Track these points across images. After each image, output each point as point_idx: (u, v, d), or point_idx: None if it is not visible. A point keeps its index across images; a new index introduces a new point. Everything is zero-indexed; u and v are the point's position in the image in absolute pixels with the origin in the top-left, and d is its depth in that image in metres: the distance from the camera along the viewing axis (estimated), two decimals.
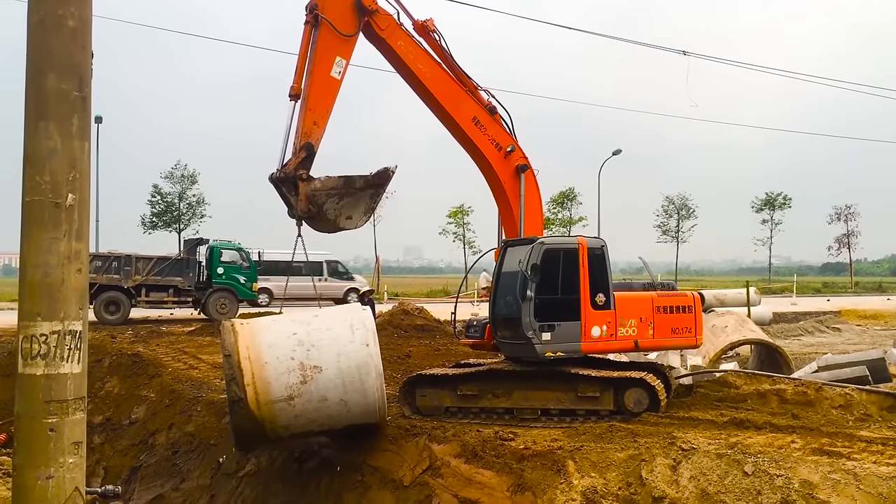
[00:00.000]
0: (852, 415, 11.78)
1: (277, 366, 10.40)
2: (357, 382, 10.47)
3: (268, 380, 10.35)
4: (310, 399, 10.45)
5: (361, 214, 12.64)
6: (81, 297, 4.11)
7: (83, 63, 4.20)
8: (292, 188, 12.10)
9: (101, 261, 27.84)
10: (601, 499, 9.18)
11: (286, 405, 10.41)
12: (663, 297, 13.02)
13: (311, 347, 10.52)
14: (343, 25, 12.29)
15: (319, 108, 12.23)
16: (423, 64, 12.99)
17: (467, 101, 13.32)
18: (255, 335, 10.72)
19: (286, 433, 10.85)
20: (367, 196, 12.60)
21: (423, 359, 18.93)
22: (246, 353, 10.42)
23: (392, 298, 46.35)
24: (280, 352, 10.50)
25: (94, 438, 15.37)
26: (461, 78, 13.43)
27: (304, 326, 10.93)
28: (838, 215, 78.04)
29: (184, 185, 54.99)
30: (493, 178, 13.65)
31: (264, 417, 10.40)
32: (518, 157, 13.59)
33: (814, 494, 8.34)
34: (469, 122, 13.28)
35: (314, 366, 10.40)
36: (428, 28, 13.24)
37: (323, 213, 12.24)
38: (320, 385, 10.41)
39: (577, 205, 66.60)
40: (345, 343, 10.59)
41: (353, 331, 10.71)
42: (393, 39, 12.79)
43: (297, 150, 12.07)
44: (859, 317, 37.44)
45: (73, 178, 4.05)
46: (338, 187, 12.33)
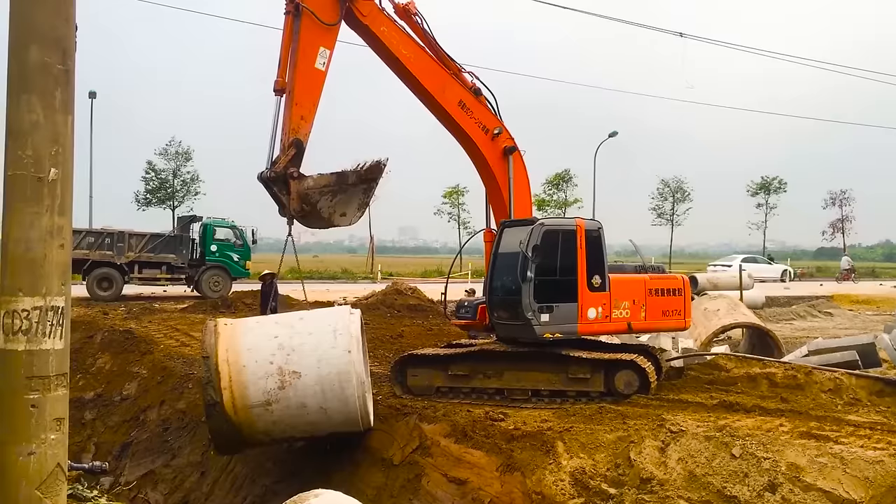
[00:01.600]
0: (841, 399, 11.83)
1: (256, 370, 10.05)
2: (337, 390, 10.05)
3: (245, 384, 10.01)
4: (288, 405, 10.08)
5: (355, 210, 12.40)
6: (64, 272, 4.07)
7: (67, 36, 4.13)
8: (283, 187, 11.77)
9: (94, 237, 27.76)
10: (589, 479, 9.22)
11: (264, 411, 10.06)
12: (655, 279, 13.07)
13: (291, 352, 10.13)
14: (325, 14, 11.94)
15: (306, 101, 11.90)
16: (406, 49, 12.72)
17: (452, 84, 13.10)
18: (236, 337, 10.37)
19: (266, 438, 10.55)
20: (361, 191, 12.34)
21: (416, 339, 18.95)
22: (225, 355, 10.10)
23: (386, 278, 46.36)
24: (259, 355, 10.14)
25: (85, 414, 15.39)
26: (445, 61, 13.21)
27: (287, 330, 10.55)
28: (833, 200, 78.07)
29: (178, 161, 54.68)
30: (481, 161, 13.49)
31: (241, 422, 10.08)
32: (505, 138, 13.44)
33: (800, 477, 8.39)
34: (455, 106, 13.07)
35: (293, 371, 10.02)
36: (410, 11, 12.97)
37: (317, 212, 11.97)
38: (299, 391, 10.04)
39: (572, 186, 66.47)
40: (326, 349, 10.18)
41: (335, 336, 10.26)
42: (376, 25, 12.50)
43: (285, 147, 11.74)
44: (852, 301, 37.58)
45: (56, 153, 3.99)
46: (330, 184, 12.05)
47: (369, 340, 18.73)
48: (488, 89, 13.51)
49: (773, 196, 75.37)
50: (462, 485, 9.95)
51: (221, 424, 10.12)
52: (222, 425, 10.13)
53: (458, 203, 65.01)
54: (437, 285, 21.95)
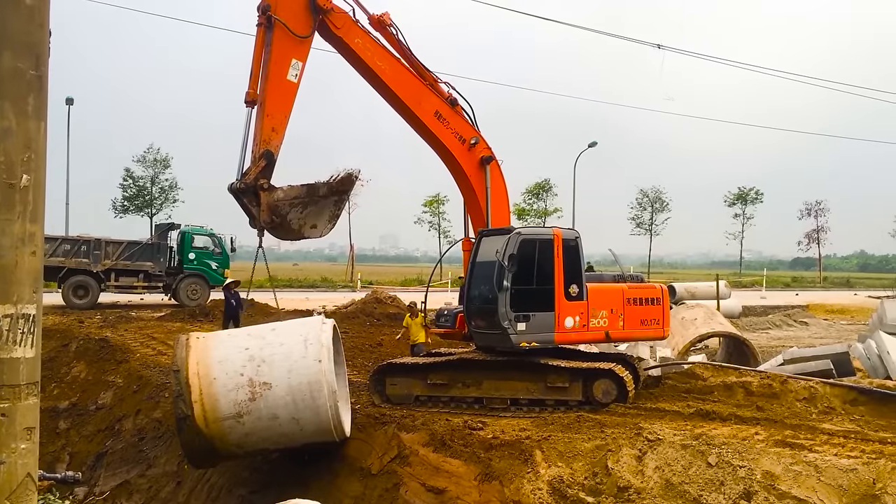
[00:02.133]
0: (816, 407, 11.92)
1: (226, 382, 9.94)
2: (308, 400, 9.90)
3: (216, 396, 9.89)
4: (260, 417, 9.95)
5: (326, 223, 12.29)
6: (35, 280, 4.02)
7: (40, 42, 4.09)
8: (253, 199, 11.66)
9: (70, 244, 27.53)
10: (567, 488, 9.23)
11: (235, 423, 9.93)
12: (633, 288, 13.12)
13: (261, 363, 10.02)
14: (297, 27, 11.85)
15: (277, 113, 11.79)
16: (381, 61, 12.63)
17: (428, 95, 13.03)
18: (207, 350, 10.27)
19: (240, 451, 10.41)
20: (332, 203, 12.24)
21: (395, 347, 18.89)
22: (195, 368, 10.00)
23: (366, 287, 46.26)
24: (230, 367, 10.03)
25: (59, 423, 15.21)
26: (420, 72, 13.14)
27: (259, 341, 10.43)
28: (809, 211, 79.12)
29: (156, 168, 54.36)
30: (458, 171, 13.44)
31: (213, 435, 9.95)
32: (482, 148, 13.38)
33: (775, 485, 8.45)
34: (431, 117, 13.00)
35: (264, 382, 9.90)
36: (384, 22, 12.89)
37: (287, 223, 11.86)
38: (269, 402, 9.91)
39: (552, 196, 66.83)
40: (296, 359, 10.04)
41: (306, 346, 10.14)
42: (350, 37, 12.40)
43: (256, 158, 11.62)
44: (826, 311, 38.00)
45: (29, 159, 3.95)
46: (301, 196, 11.94)
47: (348, 349, 18.68)
48: (465, 99, 13.47)
49: (749, 206, 76.22)
50: (440, 494, 9.92)
51: (193, 438, 10.00)
52: (194, 438, 10.00)
53: (439, 212, 65.28)
54: (418, 294, 21.93)
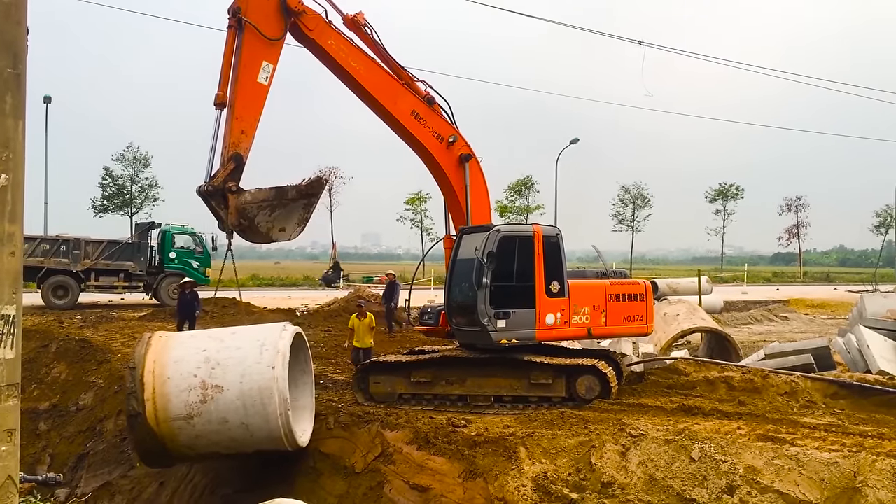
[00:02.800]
0: (797, 402, 12.04)
1: (179, 382, 9.87)
2: (259, 406, 9.76)
3: (168, 396, 9.82)
4: (210, 420, 9.85)
5: (295, 226, 12.19)
6: (15, 280, 3.97)
7: (18, 39, 4.04)
8: (221, 201, 11.56)
9: (49, 244, 27.29)
10: (551, 484, 9.25)
11: (185, 424, 9.84)
12: (616, 284, 13.16)
13: (216, 366, 9.93)
14: (268, 29, 11.71)
15: (247, 116, 11.66)
16: (356, 61, 12.51)
17: (404, 94, 12.93)
18: (166, 350, 10.20)
19: (191, 452, 10.30)
20: (301, 206, 12.16)
21: (378, 346, 18.84)
22: (151, 366, 9.94)
23: (349, 285, 46.17)
24: (185, 368, 9.96)
25: (39, 425, 15.07)
26: (396, 71, 13.05)
27: (217, 343, 10.36)
28: (789, 206, 79.80)
29: (136, 167, 53.99)
30: (437, 170, 13.39)
31: (164, 435, 9.88)
32: (460, 146, 13.32)
33: (758, 479, 8.51)
34: (408, 116, 12.91)
35: (216, 385, 9.81)
36: (358, 22, 12.79)
37: (255, 226, 11.76)
38: (220, 406, 9.80)
39: (534, 193, 67.06)
40: (250, 364, 9.91)
41: (261, 351, 10.00)
42: (323, 39, 12.28)
43: (225, 160, 11.51)
44: (807, 306, 38.36)
45: (7, 158, 3.90)
46: (269, 199, 11.84)
47: (330, 347, 18.67)
48: (442, 97, 13.40)
49: (730, 202, 76.75)
50: (425, 492, 9.93)
51: (144, 436, 9.94)
52: (145, 437, 9.95)
53: (421, 209, 65.28)
54: (401, 292, 21.92)
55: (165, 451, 10.12)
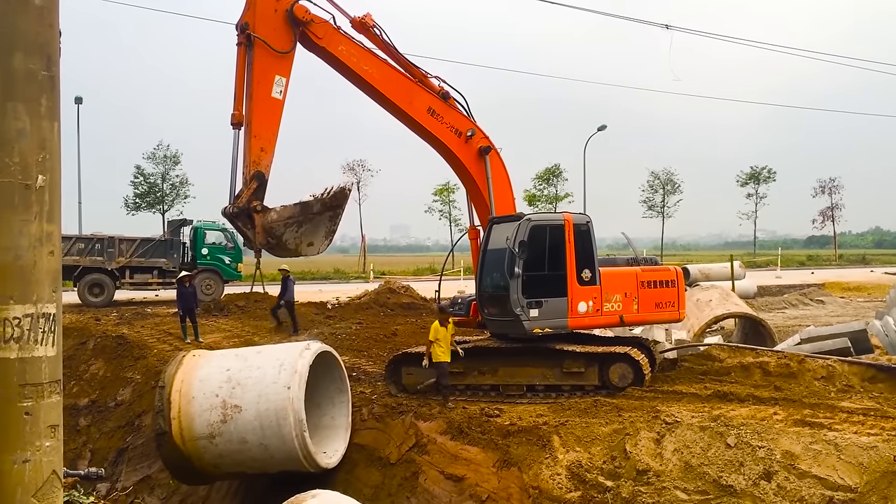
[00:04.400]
0: (834, 386, 11.89)
1: (202, 401, 9.92)
2: (275, 427, 9.67)
3: (192, 415, 9.90)
4: (230, 440, 9.87)
5: (322, 239, 12.17)
6: (54, 279, 4.05)
7: (51, 42, 4.11)
8: (248, 221, 11.55)
9: (85, 243, 27.63)
10: (586, 473, 9.24)
11: (208, 443, 9.89)
12: (647, 271, 13.08)
13: (236, 385, 9.95)
14: (278, 42, 11.60)
15: (265, 132, 11.59)
16: (368, 65, 12.37)
17: (419, 92, 12.79)
18: (193, 369, 10.27)
19: (217, 472, 10.35)
20: (326, 219, 12.11)
21: (410, 337, 18.94)
22: (179, 385, 10.04)
23: (378, 277, 46.35)
24: (208, 387, 10.02)
25: (80, 421, 15.35)
26: (409, 69, 12.90)
27: (241, 362, 10.35)
28: (822, 188, 78.64)
29: (167, 165, 54.58)
30: (458, 164, 13.29)
31: (190, 454, 9.97)
32: (479, 139, 13.17)
33: (795, 465, 8.43)
34: (425, 114, 12.77)
35: (235, 405, 9.82)
36: (367, 24, 12.63)
37: (283, 243, 11.75)
38: (239, 426, 9.80)
39: (562, 181, 66.65)
40: (268, 384, 9.85)
41: (279, 371, 9.92)
42: (333, 46, 12.15)
43: (247, 180, 11.46)
44: (843, 289, 37.77)
45: (43, 159, 3.98)
46: (295, 215, 11.82)
47: (362, 339, 18.76)
48: (457, 91, 13.24)
49: (762, 185, 75.74)
50: (459, 481, 9.98)
51: (171, 454, 10.06)
52: (172, 455, 10.06)
53: (449, 200, 65.17)
54: (430, 283, 21.95)
55: (194, 469, 10.19)
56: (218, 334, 19.60)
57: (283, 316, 19.60)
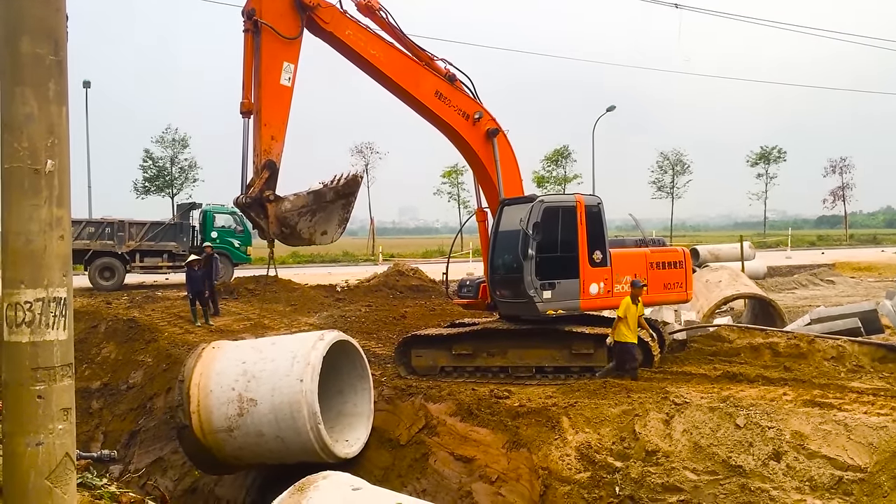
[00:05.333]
0: (844, 366, 11.87)
1: (220, 395, 9.91)
2: (289, 420, 9.61)
3: (210, 409, 9.91)
4: (248, 433, 9.85)
5: (336, 227, 12.04)
6: (65, 263, 4.07)
7: (58, 26, 4.10)
8: (261, 211, 11.42)
9: (94, 227, 27.77)
10: (595, 454, 9.27)
11: (227, 436, 9.90)
12: (656, 252, 13.09)
13: (251, 378, 9.90)
14: (285, 28, 11.42)
15: (275, 120, 11.45)
16: (375, 49, 12.23)
17: (426, 76, 12.67)
18: (211, 362, 10.25)
19: (239, 463, 10.37)
20: (339, 207, 11.97)
21: (419, 319, 18.99)
22: (198, 379, 10.05)
23: (387, 260, 46.41)
24: (224, 380, 10.00)
25: (92, 403, 15.47)
26: (415, 52, 12.76)
27: (256, 354, 10.29)
28: (833, 168, 78.11)
29: (175, 149, 54.63)
30: (465, 147, 13.19)
31: (211, 446, 9.99)
32: (487, 121, 13.06)
33: (805, 445, 8.43)
34: (432, 98, 12.66)
35: (250, 398, 9.78)
36: (373, 7, 12.50)
37: (297, 233, 11.63)
38: (255, 419, 9.77)
39: (571, 162, 66.44)
40: (281, 377, 9.76)
41: (292, 364, 9.82)
42: (340, 30, 11.98)
43: (258, 169, 11.34)
44: (854, 269, 37.59)
45: (52, 144, 3.98)
46: (308, 204, 11.68)
47: (372, 321, 18.82)
48: (463, 73, 13.10)
49: (772, 165, 75.30)
50: (469, 462, 10.02)
51: (193, 447, 10.11)
52: (194, 448, 10.11)
53: (458, 182, 65.09)
54: (439, 265, 21.97)
55: (216, 460, 10.24)
56: (228, 317, 19.69)
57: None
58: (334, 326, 18.61)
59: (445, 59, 13.01)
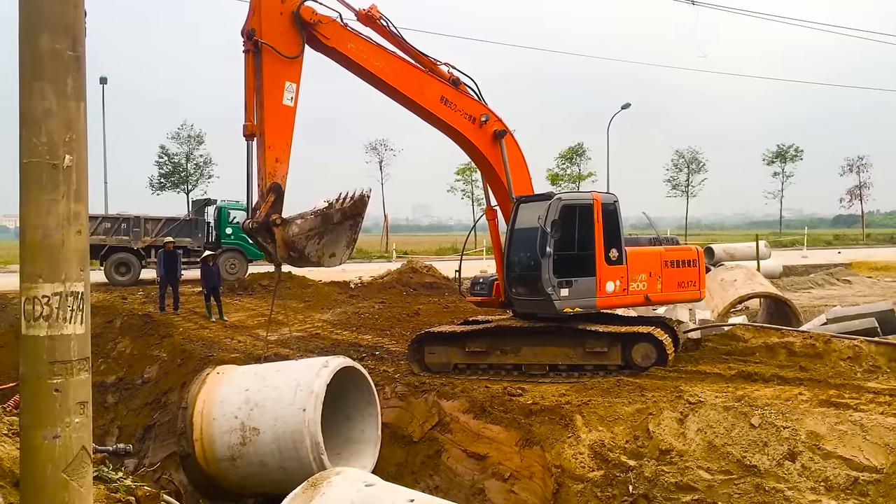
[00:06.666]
0: (860, 366, 11.77)
1: (223, 423, 9.76)
2: (292, 450, 9.42)
3: (213, 437, 9.76)
4: (250, 462, 9.64)
5: (344, 249, 11.72)
6: (82, 258, 4.09)
7: (76, 22, 4.12)
8: (268, 236, 11.16)
9: (111, 222, 27.92)
10: (609, 452, 9.26)
11: (231, 465, 9.74)
12: (670, 251, 13.06)
13: (254, 407, 9.74)
14: (286, 47, 11.17)
15: (279, 142, 11.19)
16: (378, 60, 11.99)
17: (431, 82, 12.47)
18: (215, 388, 10.14)
19: (245, 492, 10.18)
20: (347, 228, 11.66)
21: (432, 316, 19.02)
22: (201, 406, 9.94)
23: (401, 257, 46.47)
24: (227, 409, 9.85)
25: (107, 398, 15.59)
26: (418, 59, 12.59)
27: (259, 382, 10.14)
28: (850, 167, 77.60)
29: (190, 145, 54.91)
30: (474, 151, 13.05)
31: (214, 475, 9.84)
32: (493, 122, 12.88)
33: (820, 445, 8.38)
34: (438, 104, 12.46)
35: (253, 427, 9.61)
36: (373, 16, 12.27)
37: (305, 256, 11.35)
38: (258, 448, 9.61)
39: (585, 160, 66.24)
40: (284, 406, 9.60)
41: (295, 392, 9.65)
42: (342, 45, 11.73)
43: (264, 193, 11.10)
44: (870, 269, 37.28)
45: (70, 139, 4.01)
46: (316, 227, 11.38)
47: (385, 318, 18.86)
48: (467, 75, 12.94)
49: (789, 164, 74.79)
50: (482, 460, 10.03)
51: (196, 476, 10.01)
52: (197, 476, 10.00)
53: (472, 180, 64.94)
54: (453, 262, 21.97)
55: (221, 490, 10.11)
56: (242, 313, 19.78)
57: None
58: (348, 323, 18.67)
59: (448, 62, 12.86)
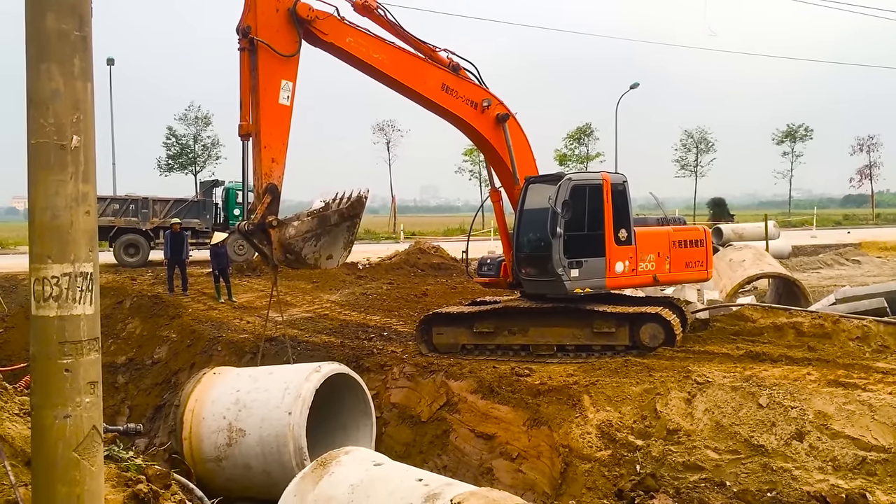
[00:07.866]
0: (869, 346, 11.75)
1: (211, 423, 9.67)
2: (275, 453, 9.24)
3: (201, 437, 9.68)
4: (235, 464, 9.55)
5: (341, 251, 11.64)
6: (91, 239, 4.09)
7: (82, 2, 4.10)
8: (264, 237, 11.06)
9: (119, 204, 27.97)
10: (616, 432, 9.28)
11: (216, 466, 9.62)
12: (678, 231, 13.04)
13: (243, 408, 9.62)
14: (282, 45, 10.98)
15: (275, 142, 11.03)
16: (377, 52, 11.80)
17: (431, 70, 12.31)
18: (209, 388, 10.05)
19: (231, 495, 9.75)
20: (344, 230, 11.57)
21: (440, 297, 19.04)
22: (192, 405, 9.87)
23: (408, 238, 46.47)
24: (217, 409, 9.75)
25: (118, 378, 15.71)
26: (417, 47, 12.43)
27: (251, 383, 10.02)
28: (860, 146, 76.90)
29: (198, 126, 54.81)
30: (477, 136, 12.97)
31: (201, 476, 9.66)
32: (495, 107, 12.77)
33: (828, 425, 8.39)
34: (439, 92, 12.32)
35: (240, 428, 9.50)
36: (370, 7, 12.11)
37: (302, 258, 11.22)
38: (243, 450, 9.46)
39: (594, 140, 65.92)
40: (271, 408, 9.42)
41: (283, 395, 9.47)
42: (340, 39, 11.53)
43: (260, 194, 10.97)
44: (880, 249, 37.09)
45: (78, 120, 3.99)
46: (313, 229, 11.26)
47: (393, 299, 18.89)
48: (467, 60, 12.80)
49: (798, 144, 74.25)
50: (490, 439, 10.08)
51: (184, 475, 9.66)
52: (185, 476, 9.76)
53: (479, 160, 64.69)
54: (460, 243, 21.96)
55: (208, 492, 9.74)
56: (251, 294, 19.84)
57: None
58: (356, 304, 18.71)
59: (447, 48, 12.70)
